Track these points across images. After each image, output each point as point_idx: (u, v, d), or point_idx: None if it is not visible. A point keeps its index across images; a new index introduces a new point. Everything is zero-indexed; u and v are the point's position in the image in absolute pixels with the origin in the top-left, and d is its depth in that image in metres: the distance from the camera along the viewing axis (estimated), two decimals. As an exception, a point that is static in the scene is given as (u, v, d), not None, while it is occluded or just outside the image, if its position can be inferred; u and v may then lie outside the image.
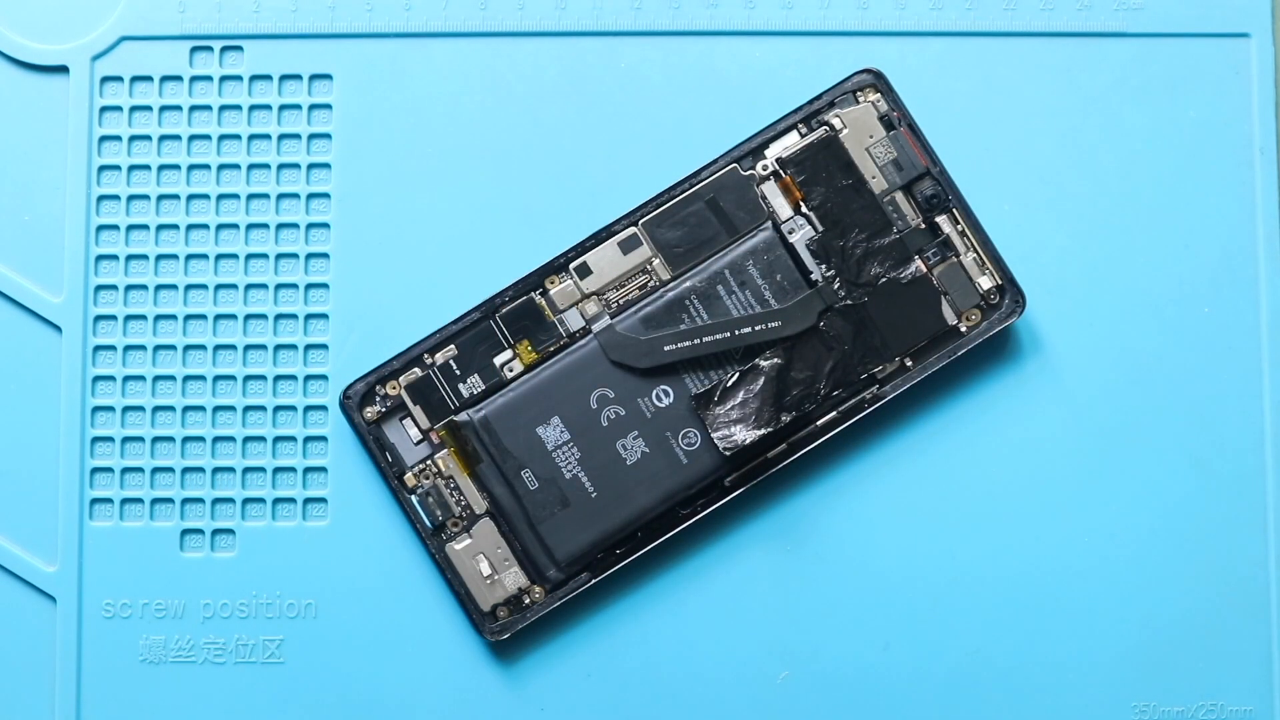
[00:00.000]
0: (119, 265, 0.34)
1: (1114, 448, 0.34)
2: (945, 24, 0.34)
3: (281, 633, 0.34)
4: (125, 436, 0.34)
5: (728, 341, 0.32)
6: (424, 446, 0.33)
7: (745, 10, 0.35)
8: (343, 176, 0.35)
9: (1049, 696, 0.33)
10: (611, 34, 0.35)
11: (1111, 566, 0.34)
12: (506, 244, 0.34)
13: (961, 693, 0.33)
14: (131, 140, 0.35)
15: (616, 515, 0.32)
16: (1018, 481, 0.34)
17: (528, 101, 0.35)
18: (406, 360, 0.33)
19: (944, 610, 0.34)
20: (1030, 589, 0.34)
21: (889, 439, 0.34)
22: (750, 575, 0.34)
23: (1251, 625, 0.33)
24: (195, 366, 0.34)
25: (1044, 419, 0.34)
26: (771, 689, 0.33)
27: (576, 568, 0.33)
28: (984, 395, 0.34)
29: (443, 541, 0.33)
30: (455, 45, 0.35)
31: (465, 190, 0.35)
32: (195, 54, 0.35)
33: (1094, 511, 0.34)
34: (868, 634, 0.34)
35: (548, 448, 0.32)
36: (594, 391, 0.32)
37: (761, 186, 0.33)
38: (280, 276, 0.34)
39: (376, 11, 0.35)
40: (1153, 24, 0.35)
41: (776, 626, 0.34)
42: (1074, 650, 0.33)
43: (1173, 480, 0.34)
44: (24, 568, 0.34)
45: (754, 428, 0.32)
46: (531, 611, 0.33)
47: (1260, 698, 0.33)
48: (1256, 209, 0.34)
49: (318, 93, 0.35)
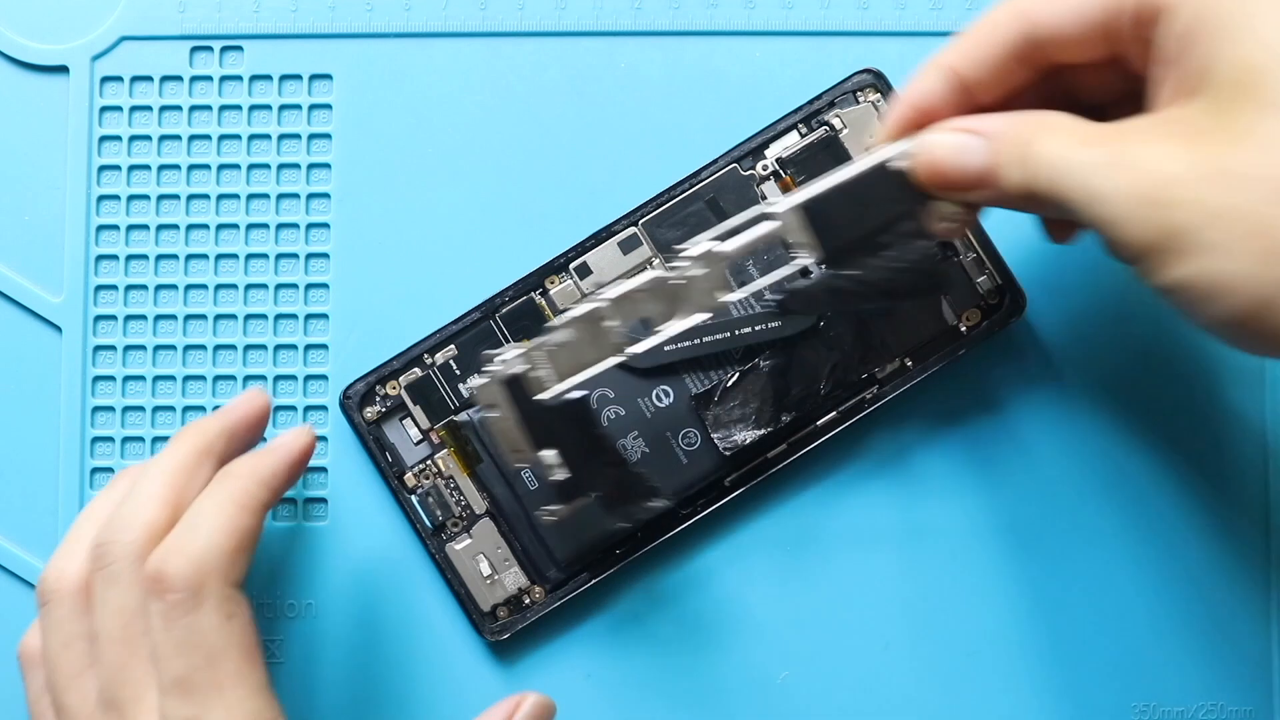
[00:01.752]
0: (119, 265, 0.34)
1: (1114, 448, 0.34)
2: (945, 24, 0.34)
3: (281, 633, 0.34)
4: (125, 436, 0.34)
5: (728, 341, 0.32)
6: (424, 446, 0.33)
7: (745, 10, 0.35)
8: (343, 176, 0.35)
9: (1049, 696, 0.33)
10: (611, 34, 0.35)
11: (1112, 566, 0.34)
12: (506, 244, 0.34)
13: (961, 693, 0.33)
14: (131, 140, 0.35)
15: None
16: (1018, 481, 0.34)
17: (528, 101, 0.35)
18: (406, 360, 0.33)
19: (944, 610, 0.34)
20: (1030, 589, 0.34)
21: (889, 439, 0.34)
22: (750, 575, 0.34)
23: (1251, 625, 0.33)
24: (195, 366, 0.34)
25: (1044, 419, 0.34)
26: (771, 689, 0.33)
27: (576, 568, 0.33)
28: (984, 395, 0.34)
29: (443, 541, 0.33)
30: (455, 45, 0.35)
31: (465, 190, 0.35)
32: (195, 54, 0.35)
33: (1094, 511, 0.34)
34: (868, 634, 0.34)
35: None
36: (594, 391, 0.32)
37: (761, 186, 0.33)
38: (280, 276, 0.34)
39: (376, 11, 0.35)
40: (1153, 24, 0.35)
41: (776, 626, 0.34)
42: (1074, 650, 0.33)
43: (1173, 480, 0.34)
44: (24, 568, 0.34)
45: (754, 428, 0.32)
46: (531, 611, 0.33)
47: (1260, 698, 0.33)
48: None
49: (318, 93, 0.35)
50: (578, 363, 0.29)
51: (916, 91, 0.28)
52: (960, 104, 0.28)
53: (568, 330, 0.29)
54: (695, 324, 0.29)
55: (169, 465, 0.29)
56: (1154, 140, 0.24)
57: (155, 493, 0.28)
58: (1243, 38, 0.23)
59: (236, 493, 0.28)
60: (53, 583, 0.28)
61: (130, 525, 0.28)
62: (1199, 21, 0.24)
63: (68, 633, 0.28)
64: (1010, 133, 0.26)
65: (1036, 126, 0.26)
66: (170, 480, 0.29)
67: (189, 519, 0.28)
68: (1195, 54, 0.24)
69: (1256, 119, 0.23)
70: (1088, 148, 0.24)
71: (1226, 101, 0.23)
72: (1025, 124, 0.26)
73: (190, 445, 0.29)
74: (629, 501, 0.31)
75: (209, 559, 0.27)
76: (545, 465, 0.29)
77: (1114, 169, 0.24)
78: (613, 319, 0.29)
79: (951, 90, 0.28)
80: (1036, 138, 0.25)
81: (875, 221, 0.29)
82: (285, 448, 0.30)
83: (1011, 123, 0.26)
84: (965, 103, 0.28)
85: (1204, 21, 0.24)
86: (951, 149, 0.27)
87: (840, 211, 0.29)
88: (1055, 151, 0.25)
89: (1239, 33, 0.23)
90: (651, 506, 0.31)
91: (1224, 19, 0.23)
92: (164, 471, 0.29)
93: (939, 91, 0.28)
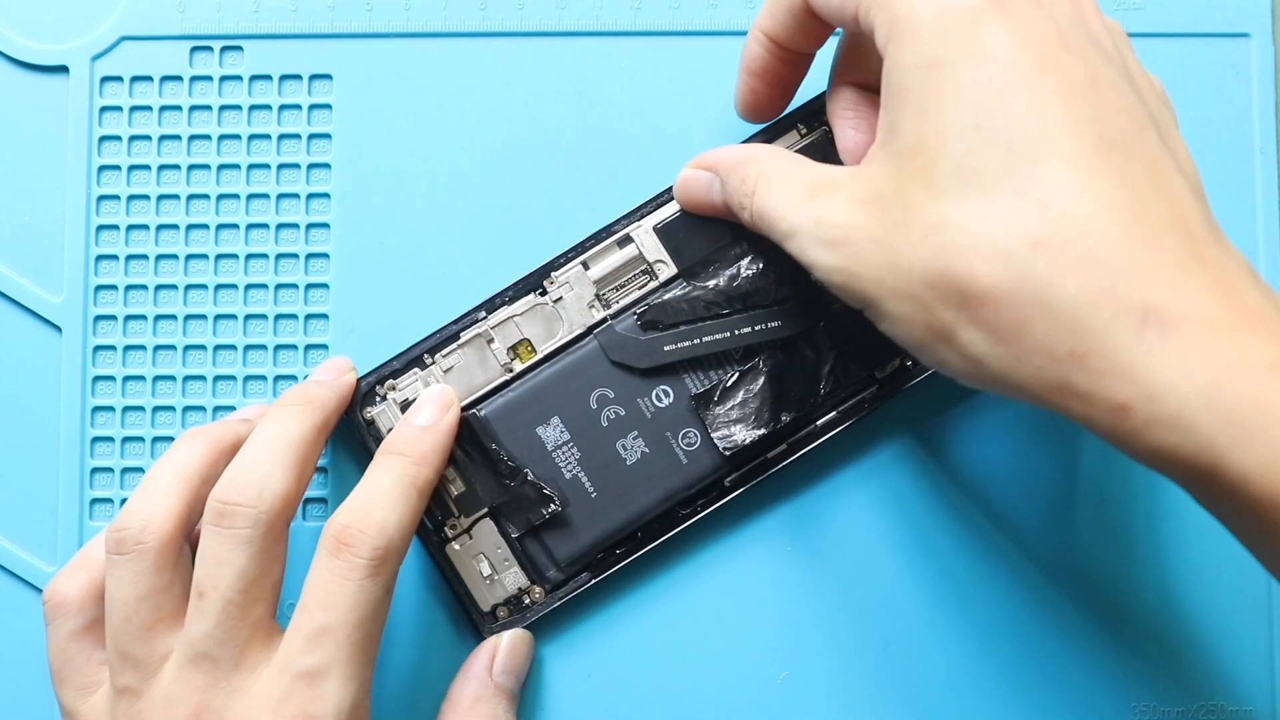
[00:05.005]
0: (119, 265, 0.34)
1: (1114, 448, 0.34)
2: (945, 24, 0.34)
3: (281, 633, 0.34)
4: (125, 436, 0.34)
5: (728, 341, 0.32)
6: (424, 446, 0.33)
7: (745, 10, 0.35)
8: (343, 176, 0.35)
9: (1049, 696, 0.33)
10: (611, 34, 0.35)
11: (1112, 566, 0.34)
12: (506, 244, 0.34)
13: (961, 693, 0.33)
14: (131, 140, 0.35)
15: (616, 515, 0.32)
16: (1018, 481, 0.34)
17: (528, 101, 0.35)
18: (406, 360, 0.33)
19: (944, 610, 0.34)
20: (1030, 589, 0.34)
21: (889, 439, 0.34)
22: (750, 575, 0.34)
23: (1251, 625, 0.33)
24: (195, 366, 0.34)
25: (1044, 419, 0.34)
26: (771, 689, 0.33)
27: (576, 568, 0.33)
28: (984, 395, 0.34)
29: (443, 541, 0.33)
30: (455, 45, 0.35)
31: (465, 190, 0.35)
32: (195, 54, 0.35)
33: (1094, 512, 0.34)
34: (868, 634, 0.34)
35: (548, 448, 0.32)
36: (594, 392, 0.32)
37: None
38: (280, 276, 0.34)
39: (376, 11, 0.35)
40: (1153, 24, 0.35)
41: (776, 626, 0.34)
42: (1074, 650, 0.33)
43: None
44: (24, 568, 0.34)
45: (754, 428, 0.32)
46: (531, 611, 0.33)
47: (1260, 698, 0.33)
48: (1257, 209, 0.34)
49: (318, 93, 0.35)
50: (469, 384, 0.32)
51: (745, 58, 0.31)
52: (783, 60, 0.30)
53: (458, 355, 0.32)
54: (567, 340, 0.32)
55: (296, 435, 0.30)
56: (845, 203, 0.26)
57: (288, 463, 0.29)
58: (921, 109, 0.24)
59: (415, 477, 0.30)
60: (137, 531, 0.28)
61: (264, 493, 0.28)
62: (896, 74, 0.25)
63: (148, 585, 0.28)
64: (735, 177, 0.29)
65: (758, 171, 0.28)
66: (301, 451, 0.29)
67: (370, 495, 0.29)
68: (891, 107, 0.25)
69: (921, 200, 0.24)
70: (795, 201, 0.27)
71: (905, 171, 0.25)
72: (749, 166, 0.29)
73: (312, 418, 0.30)
74: (525, 510, 0.32)
75: (396, 539, 0.28)
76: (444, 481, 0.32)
77: (812, 230, 0.26)
78: (498, 342, 0.33)
79: (769, 52, 0.30)
80: (757, 184, 0.28)
81: (726, 235, 0.32)
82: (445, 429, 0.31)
83: (739, 162, 0.29)
84: (788, 59, 0.30)
85: (898, 78, 0.25)
86: (698, 187, 0.31)
87: (693, 229, 0.32)
88: (769, 204, 0.28)
89: (920, 102, 0.24)
90: (549, 512, 0.32)
91: (910, 81, 0.25)
92: (293, 442, 0.29)
93: (760, 55, 0.30)
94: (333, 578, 0.28)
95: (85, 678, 0.30)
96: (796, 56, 0.30)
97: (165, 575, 0.28)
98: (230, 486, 0.28)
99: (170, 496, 0.29)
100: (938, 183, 0.24)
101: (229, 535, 0.28)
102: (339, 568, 0.28)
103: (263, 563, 0.28)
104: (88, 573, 0.30)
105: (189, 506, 0.29)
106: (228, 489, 0.28)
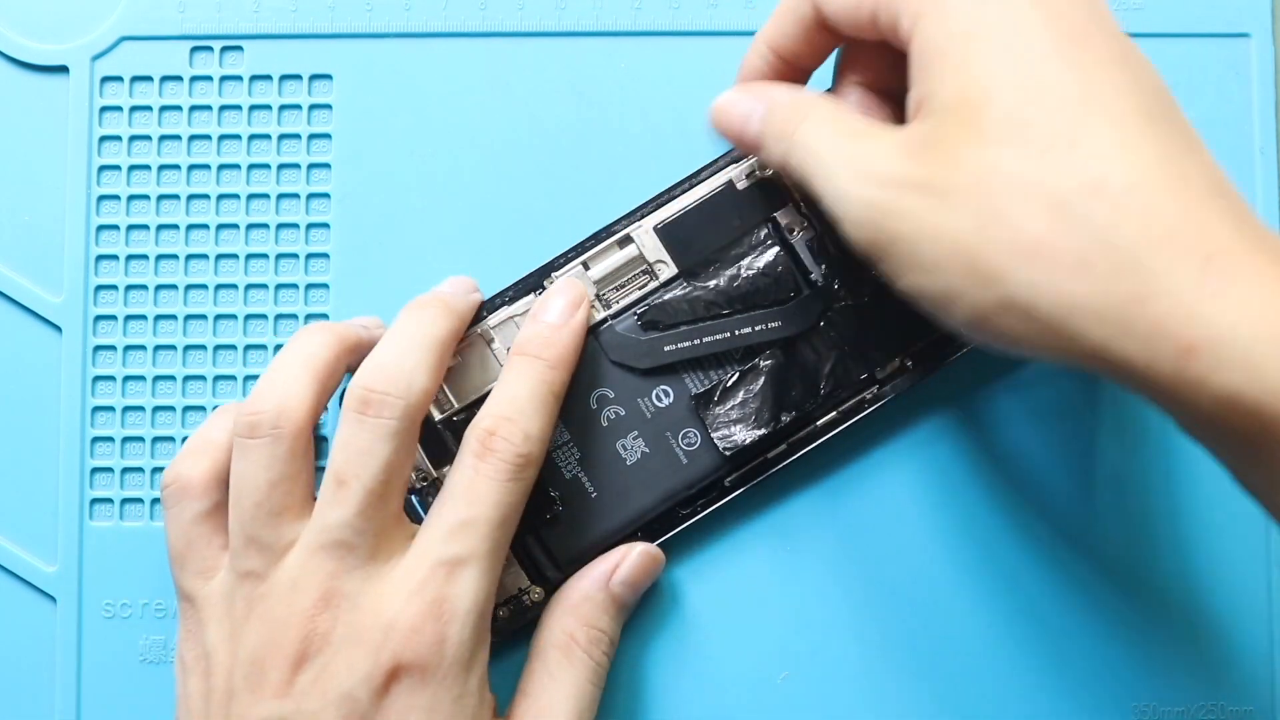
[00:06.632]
0: (119, 265, 0.34)
1: (1115, 447, 0.34)
2: (945, 24, 0.34)
3: (281, 633, 0.34)
4: (125, 436, 0.34)
5: (728, 341, 0.32)
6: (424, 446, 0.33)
7: (745, 10, 0.35)
8: (343, 176, 0.35)
9: (1049, 696, 0.33)
10: (611, 34, 0.35)
11: (1112, 566, 0.34)
12: (506, 244, 0.34)
13: (961, 693, 0.33)
14: (131, 140, 0.35)
15: (616, 515, 0.32)
16: (1018, 481, 0.34)
17: (528, 101, 0.35)
18: (406, 360, 0.33)
19: (944, 610, 0.34)
20: (1030, 589, 0.34)
21: (889, 439, 0.34)
22: (750, 576, 0.34)
23: (1251, 626, 0.33)
24: (195, 366, 0.34)
25: (1044, 419, 0.34)
26: (771, 689, 0.33)
27: (576, 568, 0.33)
28: (984, 395, 0.34)
29: (443, 541, 0.33)
30: (455, 45, 0.35)
31: (465, 190, 0.35)
32: (195, 54, 0.35)
33: (1094, 512, 0.34)
34: (868, 634, 0.34)
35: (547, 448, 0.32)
36: (594, 391, 0.32)
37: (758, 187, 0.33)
38: (280, 276, 0.34)
39: (376, 11, 0.35)
40: (1153, 24, 0.35)
41: (776, 626, 0.34)
42: (1074, 650, 0.33)
43: (1173, 479, 0.34)
44: (24, 568, 0.34)
45: (754, 428, 0.32)
46: (531, 611, 0.33)
47: (1260, 698, 0.33)
48: (1256, 209, 0.34)
49: (318, 93, 0.35)
50: (470, 385, 0.32)
51: (744, 69, 0.31)
52: (784, 75, 0.30)
53: (458, 355, 0.32)
54: None
55: (436, 335, 0.30)
56: (889, 147, 0.25)
57: (431, 362, 0.29)
58: (963, 68, 0.24)
59: (552, 383, 0.30)
60: (273, 416, 0.29)
61: (412, 386, 0.29)
62: (931, 45, 0.25)
63: (280, 471, 0.29)
64: (783, 110, 0.28)
65: (807, 109, 0.28)
66: (440, 352, 0.30)
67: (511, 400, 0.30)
68: (927, 76, 0.25)
69: (969, 149, 0.24)
70: (839, 141, 0.26)
71: (950, 126, 0.24)
72: (799, 105, 0.28)
73: (450, 323, 0.31)
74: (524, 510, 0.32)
75: (537, 448, 0.30)
76: None
77: (853, 167, 0.26)
78: (498, 342, 0.32)
79: (770, 65, 0.30)
80: (803, 121, 0.27)
81: (726, 236, 0.32)
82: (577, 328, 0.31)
83: (789, 100, 0.28)
84: (788, 73, 0.30)
85: (934, 48, 0.25)
86: (735, 114, 0.30)
87: (694, 229, 0.32)
88: (812, 138, 0.27)
89: (961, 63, 0.25)
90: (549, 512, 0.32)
91: (948, 48, 0.25)
92: (435, 341, 0.30)
93: (760, 68, 0.30)
94: (478, 476, 0.29)
95: (205, 562, 0.30)
96: (796, 72, 0.30)
97: (297, 462, 0.29)
98: (378, 374, 0.29)
99: (302, 383, 0.29)
100: (986, 131, 0.24)
101: (375, 424, 0.28)
102: (484, 469, 0.29)
103: (403, 455, 0.29)
104: (210, 456, 0.30)
105: (318, 396, 0.29)
106: (375, 377, 0.29)
